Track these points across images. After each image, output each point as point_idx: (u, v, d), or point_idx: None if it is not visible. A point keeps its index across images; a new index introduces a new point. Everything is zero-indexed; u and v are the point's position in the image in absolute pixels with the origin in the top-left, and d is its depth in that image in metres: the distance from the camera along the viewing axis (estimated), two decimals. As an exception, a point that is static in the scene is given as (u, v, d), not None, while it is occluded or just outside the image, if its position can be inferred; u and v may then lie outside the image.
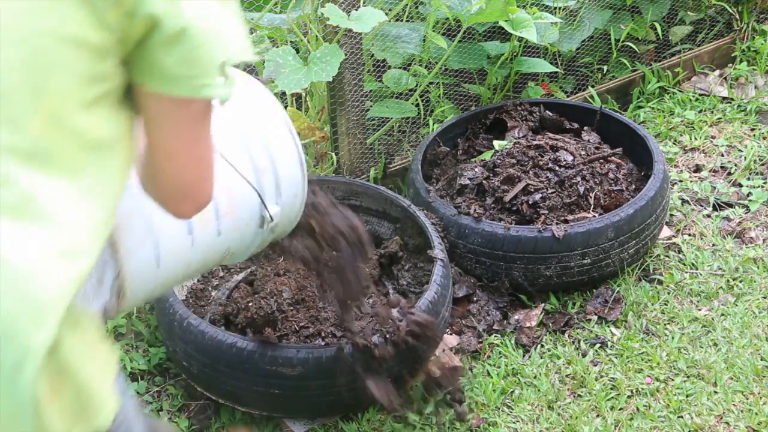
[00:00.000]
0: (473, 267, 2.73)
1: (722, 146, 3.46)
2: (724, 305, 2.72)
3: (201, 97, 1.22)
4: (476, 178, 2.86)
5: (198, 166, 1.32)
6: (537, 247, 2.62)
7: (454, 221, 2.71)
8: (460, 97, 3.47)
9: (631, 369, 2.51)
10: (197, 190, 1.34)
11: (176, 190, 1.33)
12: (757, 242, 2.97)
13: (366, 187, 2.83)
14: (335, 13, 2.66)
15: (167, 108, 1.23)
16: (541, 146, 2.94)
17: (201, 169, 1.33)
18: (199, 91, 1.21)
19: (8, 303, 1.07)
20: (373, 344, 2.20)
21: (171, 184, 1.32)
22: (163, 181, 1.32)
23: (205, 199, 1.36)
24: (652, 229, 2.76)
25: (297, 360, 2.18)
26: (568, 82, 3.68)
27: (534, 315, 2.71)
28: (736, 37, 3.97)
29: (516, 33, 2.97)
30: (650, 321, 2.67)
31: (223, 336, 2.22)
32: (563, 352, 2.58)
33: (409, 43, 3.11)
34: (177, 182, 1.32)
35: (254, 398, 2.27)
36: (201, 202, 1.36)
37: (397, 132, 3.37)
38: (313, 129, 2.88)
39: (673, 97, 3.75)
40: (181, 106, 1.23)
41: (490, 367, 2.55)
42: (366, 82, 3.02)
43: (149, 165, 1.32)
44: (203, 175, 1.34)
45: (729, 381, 2.46)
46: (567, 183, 2.81)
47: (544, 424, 2.37)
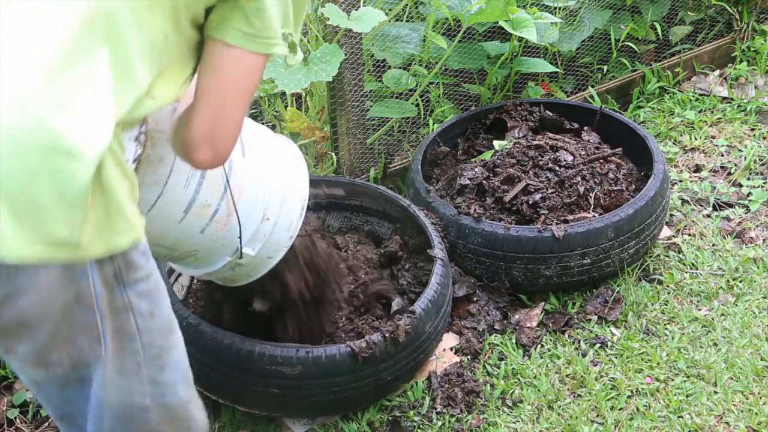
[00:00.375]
0: (473, 267, 2.73)
1: (722, 146, 3.47)
2: (724, 305, 2.72)
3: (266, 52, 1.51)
4: (476, 178, 2.86)
5: (231, 119, 1.53)
6: (537, 247, 2.63)
7: (454, 221, 2.71)
8: (460, 97, 3.47)
9: (631, 369, 2.51)
10: (221, 140, 1.54)
11: (206, 134, 1.52)
12: (757, 242, 2.97)
13: (366, 187, 2.83)
14: (335, 13, 2.66)
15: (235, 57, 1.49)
16: (541, 146, 2.94)
17: (233, 122, 1.54)
18: (268, 48, 1.51)
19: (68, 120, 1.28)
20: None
21: (204, 127, 1.52)
22: (198, 124, 1.52)
23: (223, 154, 1.57)
24: (652, 229, 2.76)
25: (297, 359, 2.18)
26: (568, 82, 3.68)
27: (534, 315, 2.71)
28: (736, 37, 3.97)
29: (516, 33, 2.97)
30: (650, 321, 2.67)
31: (222, 336, 2.22)
32: (563, 352, 2.58)
33: (409, 43, 3.11)
34: (209, 126, 1.52)
35: (254, 398, 2.27)
36: (219, 154, 1.56)
37: (397, 132, 3.37)
38: (313, 129, 2.88)
39: (673, 97, 3.75)
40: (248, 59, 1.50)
41: (490, 367, 2.55)
42: (366, 82, 3.02)
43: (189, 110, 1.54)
44: (231, 130, 1.55)
45: (729, 381, 2.46)
46: (567, 183, 2.81)
47: (544, 424, 2.37)
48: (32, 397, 2.50)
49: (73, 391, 1.50)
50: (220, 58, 1.50)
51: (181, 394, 1.59)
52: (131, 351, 1.48)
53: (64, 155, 1.27)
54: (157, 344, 1.51)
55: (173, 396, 1.57)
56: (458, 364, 2.54)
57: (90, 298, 1.39)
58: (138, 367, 1.49)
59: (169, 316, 1.54)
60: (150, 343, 1.50)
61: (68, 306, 1.39)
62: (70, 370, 1.46)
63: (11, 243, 1.27)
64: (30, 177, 1.27)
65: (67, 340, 1.42)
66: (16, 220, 1.27)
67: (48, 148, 1.27)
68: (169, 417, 1.58)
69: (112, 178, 1.35)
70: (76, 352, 1.43)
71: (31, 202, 1.27)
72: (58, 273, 1.35)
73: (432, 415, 2.39)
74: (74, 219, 1.29)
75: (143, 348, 1.49)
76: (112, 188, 1.35)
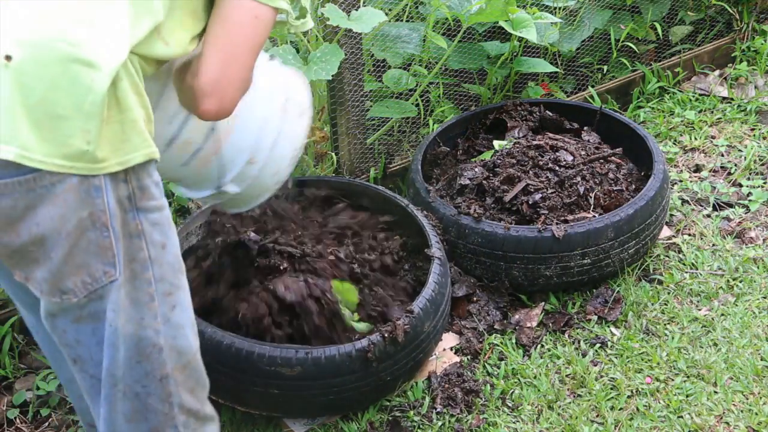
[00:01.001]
0: (473, 267, 2.73)
1: (722, 146, 3.47)
2: (724, 305, 2.72)
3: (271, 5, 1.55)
4: (476, 178, 2.86)
5: (239, 70, 1.57)
6: (537, 247, 2.62)
7: (454, 221, 2.71)
8: (460, 97, 3.47)
9: (631, 369, 2.51)
10: (228, 90, 1.57)
11: (213, 83, 1.55)
12: (757, 242, 2.97)
13: (365, 187, 2.83)
14: (335, 13, 2.66)
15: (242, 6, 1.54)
16: (541, 146, 2.94)
17: (240, 73, 1.58)
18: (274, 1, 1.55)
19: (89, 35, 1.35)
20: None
21: (212, 76, 1.55)
22: (206, 72, 1.55)
23: (229, 105, 1.59)
24: (652, 229, 2.76)
25: (296, 360, 2.19)
26: (568, 82, 3.68)
27: (534, 315, 2.71)
28: (736, 37, 3.97)
29: (516, 33, 2.97)
30: (650, 321, 2.67)
31: (222, 336, 2.22)
32: (563, 352, 2.58)
33: (409, 43, 3.11)
34: (217, 75, 1.55)
35: (254, 398, 2.28)
36: (225, 105, 1.58)
37: (397, 132, 3.37)
38: (313, 129, 2.88)
39: (673, 97, 3.76)
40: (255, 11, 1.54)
41: (490, 367, 2.55)
42: (366, 82, 3.02)
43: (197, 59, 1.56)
44: (238, 81, 1.58)
45: (729, 381, 2.46)
46: (567, 183, 2.81)
47: (544, 424, 2.37)
48: (32, 397, 2.50)
49: (86, 328, 1.52)
50: (228, 9, 1.55)
51: (190, 338, 1.62)
52: (144, 280, 1.50)
53: (82, 65, 1.34)
54: (169, 280, 1.54)
55: (184, 339, 1.60)
56: (458, 364, 2.54)
57: (105, 217, 1.43)
58: (151, 300, 1.52)
59: (178, 254, 1.57)
60: (162, 277, 1.53)
61: (83, 226, 1.42)
62: (84, 300, 1.48)
63: (31, 151, 1.33)
64: (49, 86, 1.33)
65: (81, 266, 1.45)
66: (36, 129, 1.33)
67: (67, 58, 1.34)
68: (182, 363, 1.60)
69: (128, 96, 1.40)
70: (90, 279, 1.46)
71: (51, 111, 1.34)
72: (74, 187, 1.39)
73: (432, 415, 2.39)
74: (91, 130, 1.35)
75: (155, 281, 1.52)
76: (128, 105, 1.40)
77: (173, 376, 1.60)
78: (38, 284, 1.47)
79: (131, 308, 1.50)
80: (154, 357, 1.56)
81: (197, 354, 1.65)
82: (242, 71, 1.59)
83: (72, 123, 1.35)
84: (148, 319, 1.53)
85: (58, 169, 1.36)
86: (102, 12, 1.39)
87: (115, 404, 1.59)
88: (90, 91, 1.34)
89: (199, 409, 1.68)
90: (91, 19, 1.38)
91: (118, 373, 1.56)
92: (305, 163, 3.02)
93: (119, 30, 1.40)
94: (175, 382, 1.60)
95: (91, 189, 1.40)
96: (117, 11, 1.41)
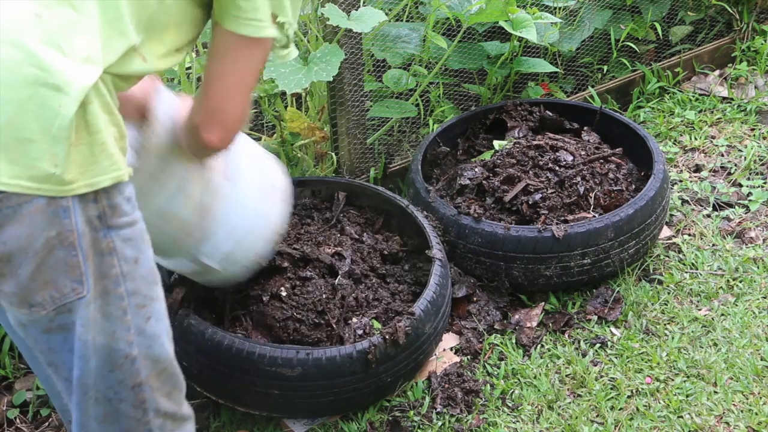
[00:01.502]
0: (473, 267, 2.73)
1: (722, 146, 3.47)
2: (724, 305, 2.72)
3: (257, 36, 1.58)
4: (476, 178, 2.86)
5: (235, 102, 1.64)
6: (537, 247, 2.63)
7: (454, 221, 2.71)
8: (460, 97, 3.47)
9: (631, 369, 2.51)
10: (229, 121, 1.65)
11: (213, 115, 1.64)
12: (757, 242, 2.97)
13: (365, 187, 2.83)
14: (335, 13, 2.66)
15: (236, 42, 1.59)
16: (541, 146, 2.94)
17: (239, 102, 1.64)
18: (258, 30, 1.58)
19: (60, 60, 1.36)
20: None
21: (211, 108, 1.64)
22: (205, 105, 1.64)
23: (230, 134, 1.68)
24: (652, 229, 2.76)
25: (297, 361, 2.19)
26: (568, 82, 3.68)
27: (534, 315, 2.71)
28: (736, 37, 3.97)
29: (516, 33, 2.96)
30: (650, 321, 2.67)
31: (222, 337, 2.22)
32: (563, 352, 2.58)
33: (409, 43, 3.11)
34: (217, 105, 1.63)
35: (254, 398, 2.28)
36: (227, 134, 1.67)
37: (397, 132, 3.37)
38: (313, 129, 2.88)
39: (673, 97, 3.76)
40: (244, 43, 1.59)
41: (490, 367, 2.55)
42: (366, 82, 3.02)
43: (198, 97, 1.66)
44: (237, 112, 1.65)
45: (729, 381, 2.46)
46: (567, 183, 2.81)
47: (544, 424, 2.37)
48: (32, 397, 2.50)
49: (56, 337, 1.52)
50: (219, 43, 1.61)
51: (166, 346, 1.62)
52: (115, 295, 1.50)
53: (51, 89, 1.34)
54: (142, 293, 1.54)
55: (159, 348, 1.59)
56: (458, 364, 2.54)
57: (73, 237, 1.42)
58: (123, 313, 1.52)
59: (152, 266, 1.57)
60: (135, 291, 1.52)
61: (51, 245, 1.42)
62: (53, 313, 1.48)
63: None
64: (17, 109, 1.33)
65: (49, 282, 1.45)
66: (3, 151, 1.34)
67: (35, 82, 1.34)
68: (158, 370, 1.60)
69: (98, 117, 1.41)
70: (58, 294, 1.46)
71: (18, 134, 1.34)
72: (42, 208, 1.39)
73: (432, 415, 2.39)
74: (58, 153, 1.36)
75: (128, 294, 1.52)
76: (97, 127, 1.40)
77: (148, 383, 1.60)
78: (7, 297, 1.48)
79: (103, 321, 1.50)
80: (127, 367, 1.56)
81: (173, 360, 1.65)
82: (241, 101, 1.65)
83: (39, 146, 1.35)
84: (120, 332, 1.53)
85: (25, 191, 1.36)
86: (73, 35, 1.40)
87: (87, 410, 1.60)
88: (57, 115, 1.35)
89: (176, 411, 1.68)
90: (61, 42, 1.38)
91: (90, 382, 1.56)
92: (305, 163, 3.02)
93: (89, 51, 1.41)
94: (151, 389, 1.60)
95: (59, 210, 1.40)
96: (88, 34, 1.41)
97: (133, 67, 1.51)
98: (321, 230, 2.67)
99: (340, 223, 2.74)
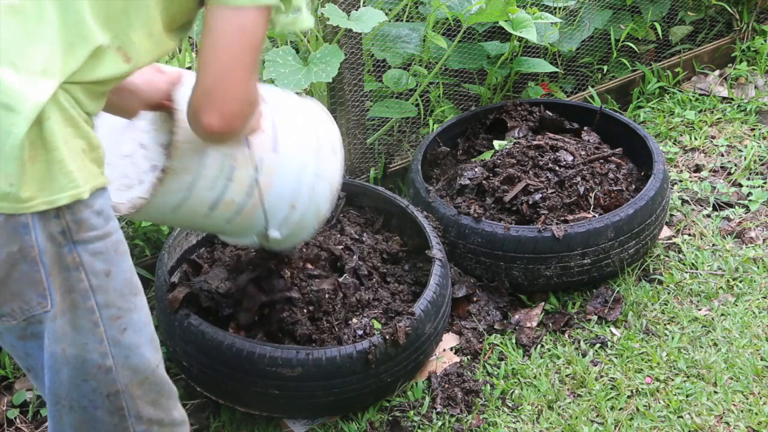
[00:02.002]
0: (473, 267, 2.73)
1: (722, 146, 3.47)
2: (724, 305, 2.72)
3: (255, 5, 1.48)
4: (476, 178, 2.86)
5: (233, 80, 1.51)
6: (537, 247, 2.63)
7: (454, 221, 2.71)
8: (460, 97, 3.47)
9: (631, 369, 2.51)
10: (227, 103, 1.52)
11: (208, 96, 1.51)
12: (757, 242, 2.97)
13: (365, 187, 2.83)
14: (335, 13, 2.66)
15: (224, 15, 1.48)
16: (541, 146, 2.94)
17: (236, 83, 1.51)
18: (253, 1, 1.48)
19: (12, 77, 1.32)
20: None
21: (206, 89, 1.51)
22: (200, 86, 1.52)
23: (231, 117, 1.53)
24: (652, 229, 2.76)
25: (297, 361, 2.19)
26: (568, 82, 3.68)
27: (534, 315, 2.71)
28: (736, 37, 3.97)
29: (516, 33, 2.96)
30: (650, 321, 2.68)
31: (223, 337, 2.22)
32: (563, 352, 2.58)
33: (409, 43, 3.11)
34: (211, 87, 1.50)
35: (254, 398, 2.28)
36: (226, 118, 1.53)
37: (397, 132, 3.37)
38: (313, 129, 2.88)
39: (673, 97, 3.75)
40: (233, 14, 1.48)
41: (490, 367, 2.56)
42: (366, 82, 3.02)
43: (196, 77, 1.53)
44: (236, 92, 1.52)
45: (729, 381, 2.46)
46: (567, 183, 2.81)
47: (544, 424, 2.37)
48: (32, 397, 2.50)
49: (32, 344, 1.51)
50: (212, 19, 1.51)
51: (147, 356, 1.59)
52: (85, 309, 1.48)
53: (2, 108, 1.32)
54: (116, 305, 1.51)
55: (138, 358, 1.57)
56: (458, 364, 2.54)
57: (33, 252, 1.41)
58: (94, 326, 1.50)
59: (129, 277, 1.54)
60: (107, 304, 1.50)
61: (14, 260, 1.41)
62: (23, 323, 1.47)
63: None
64: None
65: (16, 294, 1.44)
66: None
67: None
68: (139, 380, 1.58)
69: (55, 134, 1.36)
70: (26, 306, 1.45)
71: None
72: (1, 224, 1.37)
73: (432, 415, 2.39)
74: (12, 172, 1.34)
75: (99, 307, 1.49)
76: (54, 144, 1.37)
77: (128, 391, 1.58)
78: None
79: (74, 334, 1.49)
80: (101, 377, 1.54)
81: (157, 369, 1.62)
82: (238, 82, 1.52)
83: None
84: (92, 344, 1.51)
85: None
86: (26, 47, 1.36)
87: (60, 418, 1.59)
88: (9, 135, 1.32)
89: (163, 418, 1.66)
90: (14, 57, 1.35)
91: (62, 392, 1.55)
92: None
93: (46, 66, 1.36)
94: (131, 397, 1.58)
95: (18, 226, 1.38)
96: (45, 44, 1.37)
97: (107, 70, 1.45)
98: (321, 230, 2.67)
99: (340, 223, 2.74)
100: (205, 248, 2.66)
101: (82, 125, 1.42)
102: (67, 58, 1.38)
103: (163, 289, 2.36)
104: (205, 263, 2.55)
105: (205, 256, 2.62)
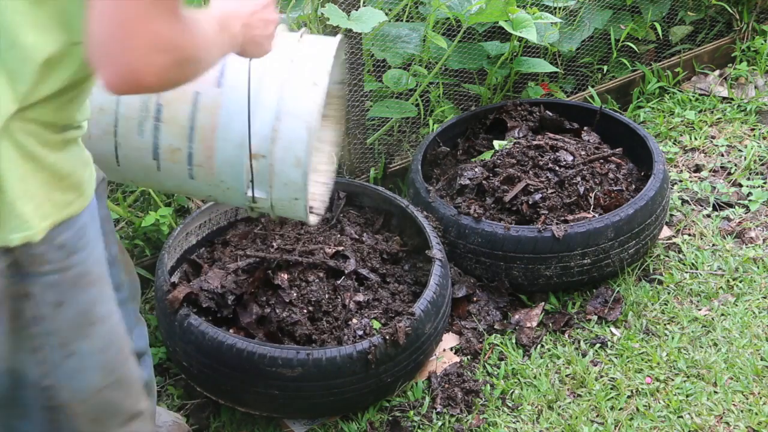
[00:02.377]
0: (473, 267, 2.73)
1: (722, 146, 3.47)
2: (724, 305, 2.72)
3: None
4: (476, 178, 2.86)
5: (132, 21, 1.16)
6: (537, 247, 2.63)
7: (454, 221, 2.71)
8: (460, 97, 3.47)
9: (631, 369, 2.51)
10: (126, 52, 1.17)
11: (100, 47, 1.19)
12: (757, 242, 2.97)
13: (365, 187, 2.83)
14: (335, 13, 2.66)
15: None
16: (541, 146, 2.94)
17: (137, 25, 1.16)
18: None
19: None
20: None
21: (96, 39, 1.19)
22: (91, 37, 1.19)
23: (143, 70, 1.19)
24: (652, 229, 2.76)
25: (297, 361, 2.19)
26: (568, 82, 3.68)
27: (534, 315, 2.71)
28: (736, 37, 3.97)
29: (516, 33, 2.96)
30: (650, 321, 2.68)
31: (223, 337, 2.22)
32: (563, 352, 2.58)
33: (409, 43, 3.11)
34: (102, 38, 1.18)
35: (254, 399, 2.28)
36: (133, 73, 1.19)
37: (397, 132, 3.37)
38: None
39: (673, 97, 3.75)
40: None
41: (490, 367, 2.56)
42: (366, 82, 3.02)
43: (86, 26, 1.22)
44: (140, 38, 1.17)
45: (729, 381, 2.46)
46: (567, 183, 2.81)
47: (544, 424, 2.37)
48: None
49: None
50: None
51: (92, 380, 1.56)
52: (26, 336, 1.45)
53: None
54: (64, 333, 1.48)
55: (81, 382, 1.55)
56: (458, 364, 2.54)
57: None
58: (33, 351, 1.47)
59: (87, 309, 1.49)
60: (54, 331, 1.47)
61: None
62: None
63: None
64: None
65: None
66: None
67: None
68: (80, 399, 1.56)
69: (6, 175, 1.29)
70: None
71: None
72: None
73: (432, 415, 2.40)
74: None
75: (44, 334, 1.46)
76: (4, 187, 1.31)
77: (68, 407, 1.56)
78: None
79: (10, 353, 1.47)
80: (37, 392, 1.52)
81: (104, 390, 1.58)
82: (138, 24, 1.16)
83: None
84: (30, 364, 1.49)
85: None
86: None
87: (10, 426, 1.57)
88: None
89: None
90: None
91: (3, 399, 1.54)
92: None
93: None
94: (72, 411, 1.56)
95: None
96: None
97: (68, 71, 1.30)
98: (321, 230, 2.67)
99: (340, 223, 2.74)
100: (205, 248, 2.66)
101: (45, 157, 1.33)
102: (16, 83, 1.26)
103: (163, 289, 2.36)
104: (205, 263, 2.56)
105: (205, 256, 2.62)
